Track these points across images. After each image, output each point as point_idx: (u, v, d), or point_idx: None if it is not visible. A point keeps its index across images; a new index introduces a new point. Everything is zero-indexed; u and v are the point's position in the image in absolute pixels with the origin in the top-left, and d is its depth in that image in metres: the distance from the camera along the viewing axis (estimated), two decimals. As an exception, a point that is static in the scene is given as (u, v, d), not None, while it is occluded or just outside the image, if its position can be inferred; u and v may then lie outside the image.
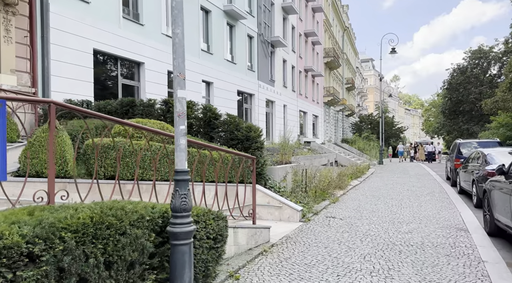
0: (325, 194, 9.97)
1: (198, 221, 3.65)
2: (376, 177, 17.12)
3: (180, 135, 3.18)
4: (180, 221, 3.14)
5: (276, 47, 26.00)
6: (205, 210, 3.82)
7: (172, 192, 3.23)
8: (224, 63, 19.17)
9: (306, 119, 34.52)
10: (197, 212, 3.68)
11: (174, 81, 3.27)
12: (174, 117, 3.23)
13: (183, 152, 3.20)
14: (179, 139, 3.18)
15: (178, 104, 3.22)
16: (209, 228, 3.78)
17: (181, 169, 3.19)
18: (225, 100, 19.08)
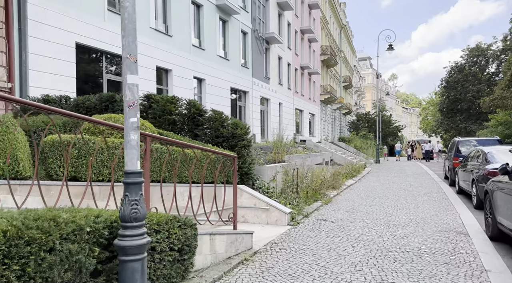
0: (317, 194, 9.47)
1: (158, 230, 3.14)
2: (372, 176, 16.63)
3: (131, 129, 2.67)
4: (130, 233, 2.62)
5: (271, 44, 25.47)
6: (168, 217, 3.31)
7: (122, 197, 2.71)
8: (216, 60, 18.64)
9: (302, 118, 34.02)
10: (158, 220, 3.16)
11: (123, 65, 2.75)
12: (124, 107, 2.72)
13: (135, 149, 2.68)
14: (129, 134, 2.66)
15: (128, 92, 2.70)
16: (173, 238, 3.27)
17: (132, 170, 2.68)
18: (217, 97, 18.56)
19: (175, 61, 15.53)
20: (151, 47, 14.07)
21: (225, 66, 19.41)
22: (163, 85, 15.27)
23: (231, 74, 19.99)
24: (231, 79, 19.99)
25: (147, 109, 8.24)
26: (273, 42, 25.35)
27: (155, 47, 14.29)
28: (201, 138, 7.88)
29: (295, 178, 9.39)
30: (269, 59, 25.48)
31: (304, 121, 34.39)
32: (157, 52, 14.42)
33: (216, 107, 18.45)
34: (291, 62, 30.17)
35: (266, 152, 16.80)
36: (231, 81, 20.04)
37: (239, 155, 7.57)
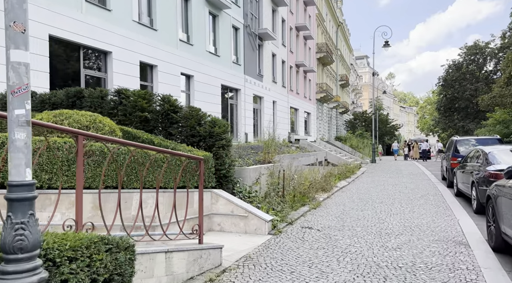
0: (305, 198, 8.75)
1: (75, 257, 2.41)
2: (366, 177, 15.94)
3: (16, 125, 1.94)
4: (13, 268, 1.90)
5: (264, 40, 24.74)
6: (91, 238, 2.58)
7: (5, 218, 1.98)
8: (206, 56, 17.89)
9: (297, 117, 33.31)
10: (74, 244, 2.43)
11: (6, 36, 2.02)
12: (7, 95, 1.98)
13: (21, 153, 1.95)
14: (14, 131, 1.93)
15: (13, 74, 1.97)
16: (97, 266, 2.54)
17: (18, 181, 1.95)
18: (207, 95, 17.83)
19: (161, 56, 14.79)
20: (134, 41, 13.32)
21: (215, 62, 18.67)
22: (148, 82, 14.53)
23: (221, 71, 19.26)
24: (222, 76, 19.26)
25: (118, 105, 7.50)
26: (266, 38, 24.61)
27: (138, 41, 13.53)
28: (176, 138, 7.15)
29: (281, 180, 8.68)
30: (262, 56, 24.74)
31: (299, 120, 33.69)
32: (141, 47, 13.67)
33: (205, 105, 17.75)
34: (285, 60, 29.44)
35: (257, 151, 16.10)
36: (222, 78, 19.31)
37: (217, 155, 6.86)
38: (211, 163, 6.44)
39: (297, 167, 11.72)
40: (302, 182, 9.45)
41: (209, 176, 6.39)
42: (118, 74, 12.76)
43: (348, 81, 55.97)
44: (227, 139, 7.10)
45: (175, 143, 6.70)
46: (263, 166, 8.86)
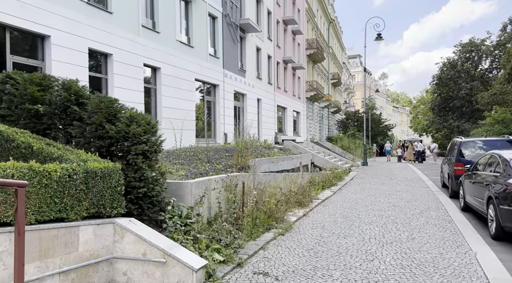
0: (271, 220, 6.59)
1: None
2: (356, 184, 13.83)
3: None
4: None
5: (247, 32, 22.58)
6: None
7: None
8: (176, 46, 15.69)
9: (285, 116, 31.21)
10: None
11: None
12: None
13: None
14: None
15: None
16: None
17: None
18: (178, 90, 15.63)
19: (118, 44, 12.58)
20: (81, 25, 11.10)
21: (188, 54, 16.47)
22: (101, 73, 12.31)
23: (196, 64, 17.07)
24: (196, 70, 17.07)
25: (3, 94, 5.31)
26: (249, 30, 22.46)
27: (86, 24, 11.31)
28: (78, 140, 4.97)
29: (239, 196, 6.53)
30: (245, 50, 22.59)
31: (288, 119, 31.59)
32: (90, 31, 11.45)
33: (176, 101, 15.54)
34: (272, 55, 27.31)
35: (233, 154, 13.98)
36: (197, 72, 17.12)
37: (135, 166, 4.71)
38: (116, 179, 4.28)
39: (275, 175, 9.59)
40: (268, 198, 7.24)
41: (113, 199, 4.24)
42: (59, 63, 10.53)
43: (340, 80, 54.01)
44: (152, 143, 4.97)
45: (70, 149, 4.52)
46: (213, 178, 6.67)
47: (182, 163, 11.46)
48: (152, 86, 14.60)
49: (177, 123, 15.54)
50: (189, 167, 10.83)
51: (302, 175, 11.44)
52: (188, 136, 16.20)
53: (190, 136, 16.51)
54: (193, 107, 16.81)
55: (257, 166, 12.44)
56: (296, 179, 9.75)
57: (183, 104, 15.97)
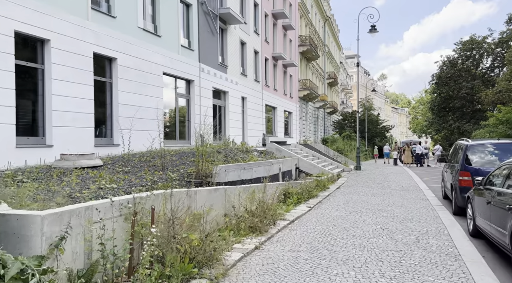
0: (190, 266, 4.31)
1: None
2: (341, 194, 11.64)
3: None
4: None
5: (229, 23, 20.46)
6: None
7: None
8: (138, 34, 13.56)
9: (275, 116, 29.07)
10: None
11: None
12: None
13: None
14: None
15: None
16: None
17: None
18: (140, 85, 13.49)
19: (57, 27, 10.44)
20: (4, 2, 8.99)
21: (154, 44, 14.34)
22: (37, 62, 10.17)
23: (165, 55, 14.94)
24: (165, 63, 14.94)
25: None
26: (231, 21, 20.33)
27: (13, 2, 9.20)
28: None
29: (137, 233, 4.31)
30: (226, 43, 20.46)
31: (278, 120, 29.44)
32: (19, 11, 9.33)
33: (138, 98, 13.19)
34: (259, 50, 25.18)
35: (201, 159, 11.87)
36: (165, 65, 14.99)
37: None
38: None
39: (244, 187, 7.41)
40: (194, 228, 4.99)
41: None
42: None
43: (336, 79, 51.87)
44: None
45: None
46: (96, 204, 4.37)
47: (127, 172, 9.33)
48: (106, 80, 12.45)
49: (140, 123, 13.42)
50: (131, 177, 8.71)
51: (274, 185, 9.25)
52: (155, 138, 14.05)
53: (157, 138, 14.37)
54: (161, 105, 14.66)
55: (222, 173, 10.30)
56: (261, 192, 7.58)
57: (148, 102, 13.84)
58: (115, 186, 7.72)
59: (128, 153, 11.54)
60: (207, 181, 9.98)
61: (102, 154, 11.68)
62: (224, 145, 15.14)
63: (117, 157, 10.71)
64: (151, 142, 13.27)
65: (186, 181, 9.68)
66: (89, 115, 11.39)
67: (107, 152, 11.58)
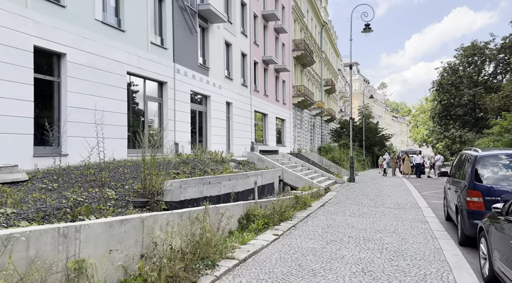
0: None
1: None
2: (324, 215, 9.67)
3: None
4: None
5: (211, 22, 18.74)
6: None
7: None
8: (95, 27, 11.78)
9: (266, 123, 27.23)
10: None
11: None
12: None
13: None
14: None
15: None
16: None
17: None
18: (97, 85, 11.68)
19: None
20: None
21: (116, 39, 12.57)
22: (-47, 55, 8.40)
23: (129, 53, 13.16)
24: (129, 61, 13.15)
25: None
26: (213, 20, 18.61)
27: None
28: None
29: None
30: (208, 43, 18.72)
31: (269, 127, 27.58)
32: None
33: (94, 100, 11.44)
34: (247, 53, 23.44)
35: (166, 170, 10.09)
36: (130, 63, 13.20)
37: None
38: None
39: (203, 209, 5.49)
40: None
41: None
42: None
43: (334, 86, 50.12)
44: None
45: None
46: None
47: (52, 189, 7.45)
48: (53, 79, 10.64)
49: (98, 130, 11.60)
50: (52, 196, 6.85)
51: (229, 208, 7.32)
52: (117, 146, 12.19)
53: (119, 146, 12.51)
54: (124, 108, 12.83)
55: (176, 190, 8.40)
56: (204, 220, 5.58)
57: (108, 105, 12.02)
58: (15, 210, 5.85)
59: (79, 163, 9.67)
60: (155, 200, 8.11)
61: (44, 165, 9.83)
62: (195, 154, 13.27)
63: (58, 170, 8.87)
64: (112, 151, 11.46)
65: (126, 201, 7.82)
66: (27, 120, 9.58)
67: (51, 163, 9.70)
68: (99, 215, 6.64)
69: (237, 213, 7.30)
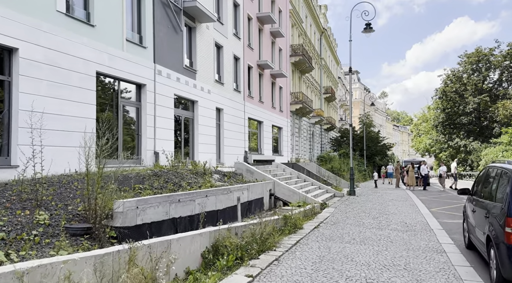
0: None
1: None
2: (315, 241, 7.85)
3: None
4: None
5: (199, 21, 17.20)
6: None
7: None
8: (56, 19, 10.20)
9: (261, 132, 25.56)
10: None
11: None
12: None
13: None
14: None
15: None
16: None
17: None
18: (57, 86, 10.03)
19: None
20: None
21: (82, 34, 10.96)
22: None
23: (100, 51, 11.55)
24: (100, 60, 11.54)
25: None
26: (202, 19, 17.08)
27: None
28: None
29: None
30: (195, 44, 17.15)
31: (265, 135, 25.91)
32: None
33: (56, 104, 9.25)
34: (240, 56, 21.89)
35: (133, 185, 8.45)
36: (101, 62, 11.58)
37: None
38: None
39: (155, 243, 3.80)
40: None
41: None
42: None
43: (334, 94, 48.59)
44: None
45: None
46: None
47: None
48: (2, 78, 9.03)
49: (61, 138, 9.95)
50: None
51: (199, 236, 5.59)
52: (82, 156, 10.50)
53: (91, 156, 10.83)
54: (91, 113, 11.17)
55: (130, 212, 6.66)
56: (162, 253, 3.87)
57: (71, 109, 10.37)
58: None
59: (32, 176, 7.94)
60: (101, 226, 6.39)
61: (-17, 178, 8.17)
62: (171, 165, 11.57)
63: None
64: (78, 162, 9.79)
65: (64, 227, 6.10)
66: (-39, 124, 7.95)
67: (-6, 176, 8.01)
68: (13, 250, 4.92)
69: (198, 247, 5.56)
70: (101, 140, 6.90)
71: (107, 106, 12.32)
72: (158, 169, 10.71)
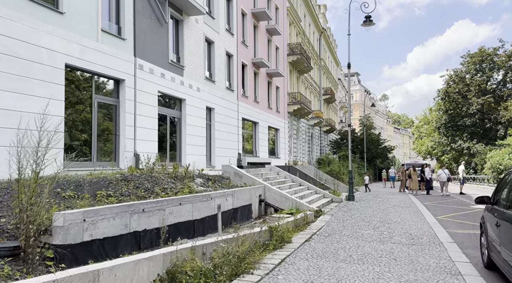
0: None
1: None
2: (304, 260, 6.56)
3: None
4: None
5: (187, 14, 16.01)
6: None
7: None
8: (15, 4, 8.99)
9: (256, 133, 24.31)
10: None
11: None
12: None
13: None
14: None
15: None
16: None
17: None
18: (16, 78, 8.82)
19: None
20: None
21: (48, 22, 9.75)
22: None
23: (70, 41, 10.33)
24: (69, 51, 10.32)
25: None
26: (190, 11, 15.89)
27: None
28: None
29: None
30: (183, 38, 15.95)
31: (260, 137, 24.65)
32: None
33: (15, 99, 8.02)
34: (233, 53, 20.68)
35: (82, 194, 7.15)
36: (70, 54, 10.36)
37: None
38: None
39: None
40: None
41: None
42: None
43: (334, 96, 47.36)
44: None
45: None
46: None
47: None
48: None
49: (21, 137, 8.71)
50: None
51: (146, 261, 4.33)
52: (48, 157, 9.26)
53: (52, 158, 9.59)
54: (59, 110, 9.93)
55: (74, 226, 5.38)
56: None
57: (33, 104, 9.12)
58: None
59: None
60: (35, 245, 5.14)
61: None
62: (145, 168, 10.30)
63: None
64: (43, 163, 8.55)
65: None
66: None
67: None
68: None
69: (145, 275, 4.30)
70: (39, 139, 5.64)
71: (78, 103, 11.09)
72: (130, 172, 9.44)
